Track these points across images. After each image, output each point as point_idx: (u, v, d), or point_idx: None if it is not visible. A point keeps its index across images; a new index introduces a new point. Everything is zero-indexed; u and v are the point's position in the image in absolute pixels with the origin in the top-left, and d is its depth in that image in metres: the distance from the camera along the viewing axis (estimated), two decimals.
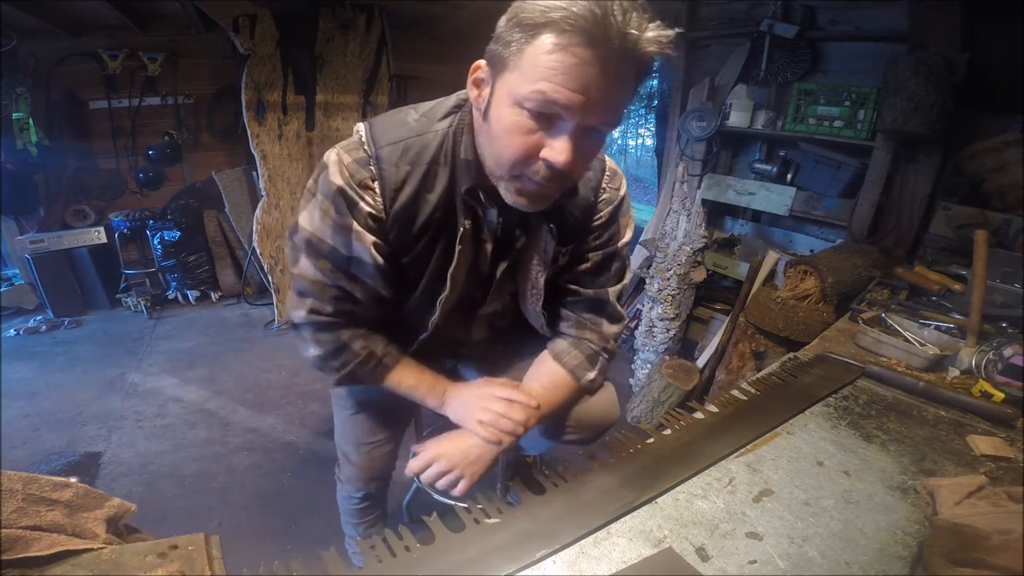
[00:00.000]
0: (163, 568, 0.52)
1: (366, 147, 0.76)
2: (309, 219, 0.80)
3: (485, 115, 0.69)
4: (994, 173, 1.84)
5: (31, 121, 2.93)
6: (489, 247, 0.85)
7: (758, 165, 2.59)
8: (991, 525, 0.60)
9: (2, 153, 2.88)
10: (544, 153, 0.64)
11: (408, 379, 0.92)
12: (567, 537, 0.64)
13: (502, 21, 0.63)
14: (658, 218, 2.92)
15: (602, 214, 0.89)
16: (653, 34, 0.59)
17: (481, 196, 0.76)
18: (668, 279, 2.60)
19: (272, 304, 3.17)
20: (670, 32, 0.60)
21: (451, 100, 0.80)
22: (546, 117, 0.62)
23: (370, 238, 0.77)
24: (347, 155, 0.76)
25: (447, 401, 0.92)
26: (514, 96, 0.63)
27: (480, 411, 0.87)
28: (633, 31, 0.57)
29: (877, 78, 2.06)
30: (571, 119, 0.61)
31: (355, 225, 0.76)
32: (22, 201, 3.09)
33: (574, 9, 0.56)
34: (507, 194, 0.71)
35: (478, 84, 0.70)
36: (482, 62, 0.68)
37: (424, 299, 0.87)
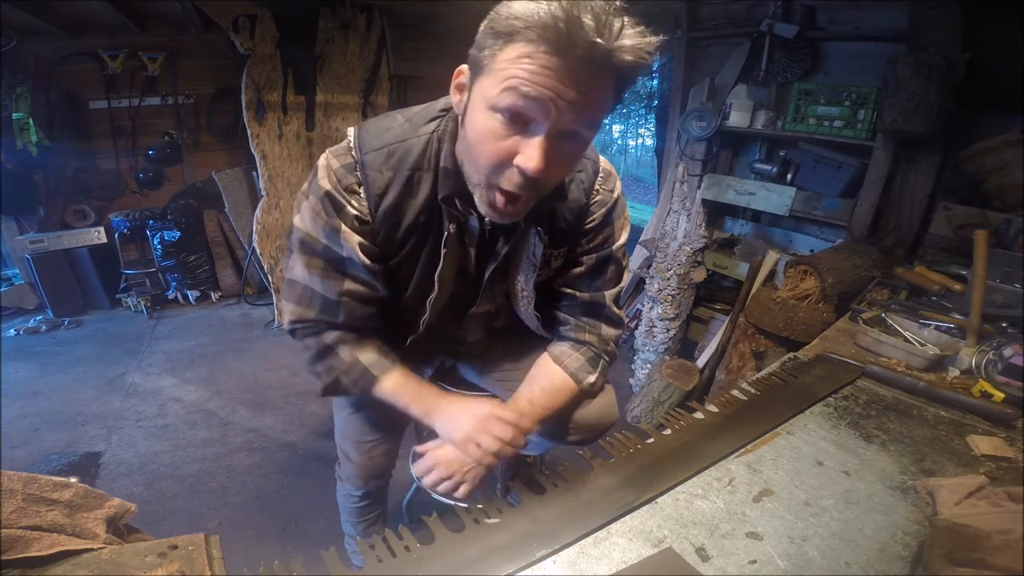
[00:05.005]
0: (163, 568, 0.52)
1: (353, 152, 0.78)
2: (302, 219, 0.82)
3: (463, 120, 0.69)
4: (994, 173, 1.84)
5: (31, 121, 2.93)
6: (473, 251, 0.85)
7: (758, 165, 2.59)
8: (991, 525, 0.60)
9: (2, 153, 2.88)
10: (516, 160, 0.63)
11: (391, 387, 0.89)
12: (567, 537, 0.64)
13: (481, 26, 0.63)
14: (658, 218, 2.92)
15: (595, 216, 0.88)
16: (630, 42, 0.57)
17: (458, 204, 0.76)
18: (668, 279, 2.60)
19: (272, 304, 3.16)
20: (651, 39, 0.59)
21: (438, 104, 0.80)
22: (519, 122, 0.62)
23: (356, 238, 0.79)
24: (335, 160, 0.78)
25: (434, 414, 0.89)
26: (488, 101, 0.63)
27: (471, 431, 0.83)
28: (601, 40, 0.55)
29: (877, 78, 2.06)
30: (543, 124, 0.61)
31: (343, 226, 0.78)
32: (22, 201, 3.09)
33: (543, 17, 0.56)
34: (481, 204, 0.71)
35: (460, 89, 0.70)
36: (464, 67, 0.68)
37: (414, 299, 0.88)
